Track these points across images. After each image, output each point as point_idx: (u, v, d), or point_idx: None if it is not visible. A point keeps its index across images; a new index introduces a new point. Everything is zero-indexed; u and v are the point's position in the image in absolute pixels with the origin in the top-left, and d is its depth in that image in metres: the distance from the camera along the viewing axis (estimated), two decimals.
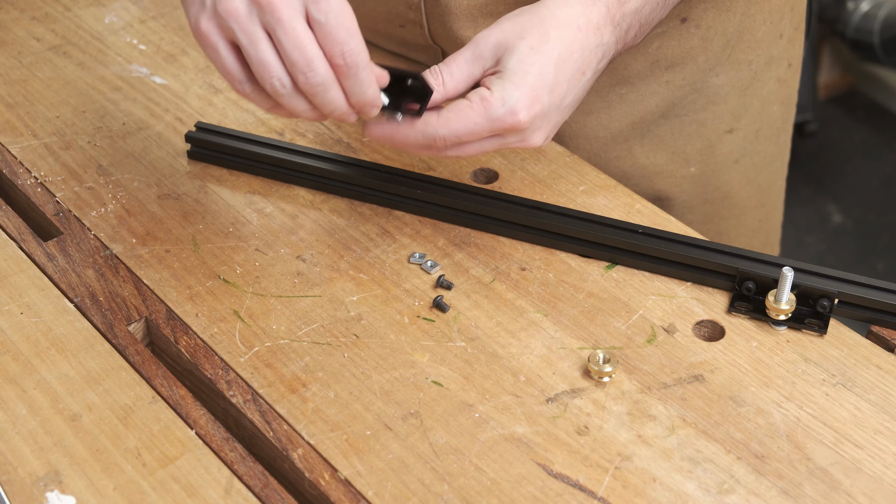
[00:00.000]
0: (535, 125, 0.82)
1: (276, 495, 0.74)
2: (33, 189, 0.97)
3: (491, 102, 0.81)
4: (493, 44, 0.82)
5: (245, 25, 0.76)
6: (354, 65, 0.78)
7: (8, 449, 0.76)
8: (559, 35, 0.82)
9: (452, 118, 0.81)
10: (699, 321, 0.86)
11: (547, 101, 0.82)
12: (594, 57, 0.84)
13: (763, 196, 1.18)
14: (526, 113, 0.81)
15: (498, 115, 0.81)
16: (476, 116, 0.81)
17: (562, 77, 0.82)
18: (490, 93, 0.81)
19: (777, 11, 1.06)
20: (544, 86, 0.81)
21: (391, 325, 0.86)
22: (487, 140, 0.83)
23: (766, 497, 0.74)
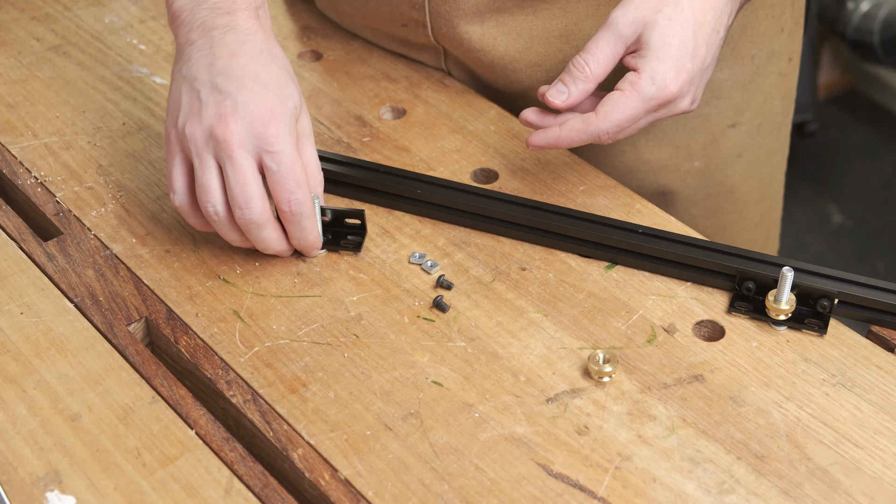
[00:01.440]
0: (683, 92, 0.87)
1: (276, 495, 0.74)
2: (33, 189, 0.97)
3: (642, 84, 0.86)
4: (631, 20, 0.86)
5: (200, 150, 0.83)
6: (299, 213, 0.85)
7: (8, 449, 0.76)
8: (691, 2, 0.86)
9: (611, 111, 0.86)
10: (699, 321, 0.86)
11: (691, 67, 0.86)
12: (724, 15, 0.88)
13: (765, 190, 1.19)
14: (675, 84, 0.85)
15: (651, 93, 0.85)
16: (632, 101, 0.86)
17: (700, 41, 0.86)
18: (638, 75, 0.86)
19: (778, 6, 1.07)
20: (686, 53, 0.86)
21: (391, 325, 0.86)
22: (643, 119, 0.88)
23: (766, 497, 0.74)
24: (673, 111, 0.89)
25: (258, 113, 0.82)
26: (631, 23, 0.86)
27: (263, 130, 0.82)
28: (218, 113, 0.82)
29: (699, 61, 0.87)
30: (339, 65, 1.12)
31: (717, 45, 0.89)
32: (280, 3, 1.21)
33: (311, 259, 0.91)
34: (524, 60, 1.04)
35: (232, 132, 0.81)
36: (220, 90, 0.83)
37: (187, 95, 0.84)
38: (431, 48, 1.09)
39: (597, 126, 0.87)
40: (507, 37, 1.02)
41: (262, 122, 0.82)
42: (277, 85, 0.84)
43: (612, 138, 0.88)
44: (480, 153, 1.02)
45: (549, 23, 1.01)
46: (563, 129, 0.88)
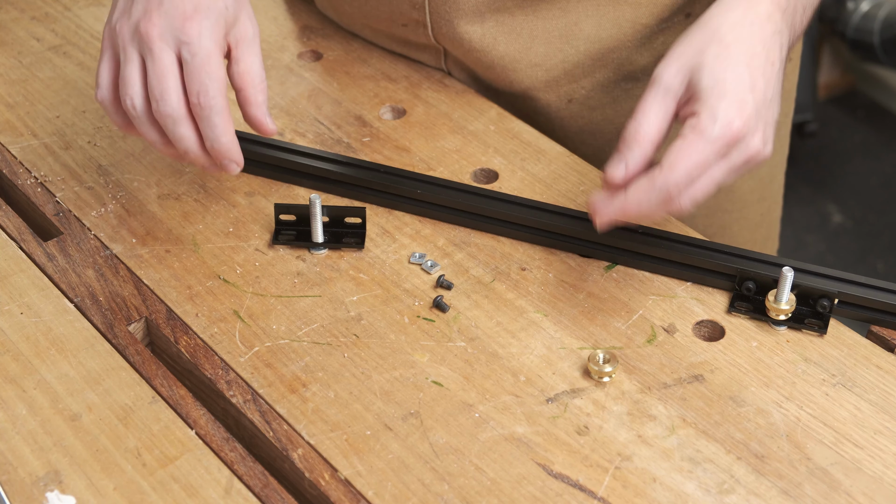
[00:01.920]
0: (750, 128, 0.79)
1: (276, 495, 0.74)
2: (33, 189, 0.97)
3: (703, 126, 0.79)
4: (675, 71, 0.81)
5: (126, 44, 0.83)
6: (208, 107, 0.82)
7: (8, 449, 0.76)
8: (737, 37, 0.81)
9: (676, 160, 0.78)
10: (699, 321, 0.86)
11: (752, 100, 0.80)
12: (776, 45, 0.83)
13: (765, 190, 1.19)
14: (739, 118, 0.79)
15: (716, 133, 0.78)
16: (697, 145, 0.78)
17: (757, 73, 0.81)
18: (698, 118, 0.79)
19: None
20: (745, 87, 0.80)
21: (391, 325, 0.86)
22: (716, 167, 0.80)
23: (766, 497, 0.74)
24: (747, 154, 0.80)
25: (182, 7, 0.82)
26: (675, 73, 0.81)
27: (183, 23, 0.82)
28: (145, 8, 0.82)
29: (759, 94, 0.81)
30: (339, 65, 1.12)
31: (775, 78, 0.83)
32: (280, 3, 1.21)
33: (311, 259, 0.91)
34: (524, 61, 1.04)
35: (154, 25, 0.81)
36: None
37: (123, 1, 0.85)
38: (431, 48, 1.09)
39: (664, 180, 0.78)
40: (507, 37, 1.03)
41: (183, 15, 0.82)
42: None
43: (689, 197, 0.79)
44: (480, 153, 1.02)
45: (549, 23, 1.01)
46: (628, 193, 0.80)
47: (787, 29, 0.85)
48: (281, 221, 0.92)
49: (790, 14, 0.85)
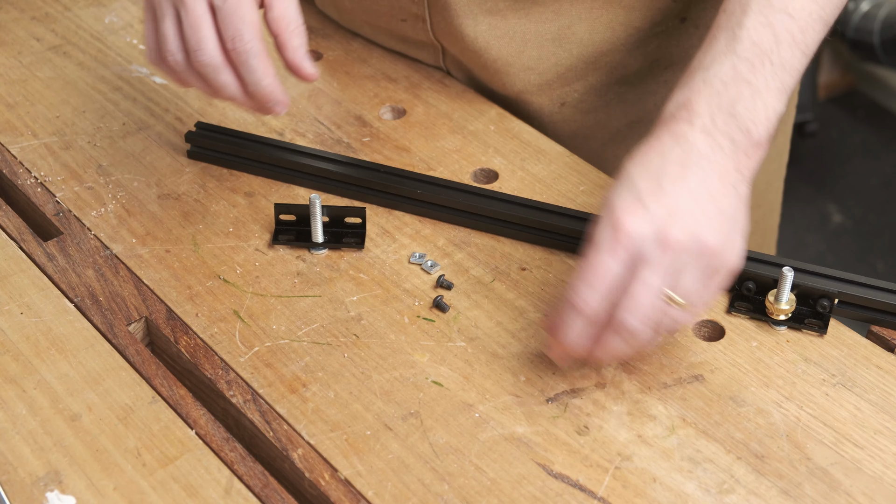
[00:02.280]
0: (652, 226, 0.74)
1: (276, 495, 0.74)
2: (33, 189, 0.97)
3: (596, 235, 0.75)
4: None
5: (162, 3, 0.82)
6: (244, 52, 0.81)
7: (8, 449, 0.76)
8: (630, 165, 0.78)
9: (574, 280, 0.76)
10: (699, 321, 0.86)
11: (645, 201, 0.74)
12: (681, 151, 0.77)
13: (761, 196, 1.18)
14: (628, 220, 0.73)
15: (605, 237, 0.74)
16: (590, 257, 0.75)
17: (648, 179, 0.75)
18: (594, 238, 0.76)
19: None
20: (634, 195, 0.75)
21: (391, 325, 0.86)
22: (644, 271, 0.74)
23: (766, 497, 0.74)
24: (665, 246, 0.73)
25: None
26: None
27: None
28: None
29: (660, 197, 0.74)
30: (339, 65, 1.12)
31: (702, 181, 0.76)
32: None
33: (311, 259, 0.91)
34: (517, 64, 1.04)
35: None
36: None
37: None
38: (430, 45, 1.08)
39: (571, 287, 0.75)
40: (500, 40, 1.02)
41: None
42: None
43: (629, 312, 0.74)
44: (480, 153, 1.02)
45: (542, 26, 1.01)
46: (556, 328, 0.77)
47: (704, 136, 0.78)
48: (281, 221, 0.92)
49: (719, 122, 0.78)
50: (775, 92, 0.79)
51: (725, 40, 0.80)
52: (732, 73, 0.78)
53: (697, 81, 0.79)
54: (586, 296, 0.74)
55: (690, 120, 0.78)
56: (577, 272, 0.75)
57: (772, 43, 0.79)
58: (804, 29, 0.80)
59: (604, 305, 0.75)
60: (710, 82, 0.78)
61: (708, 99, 0.78)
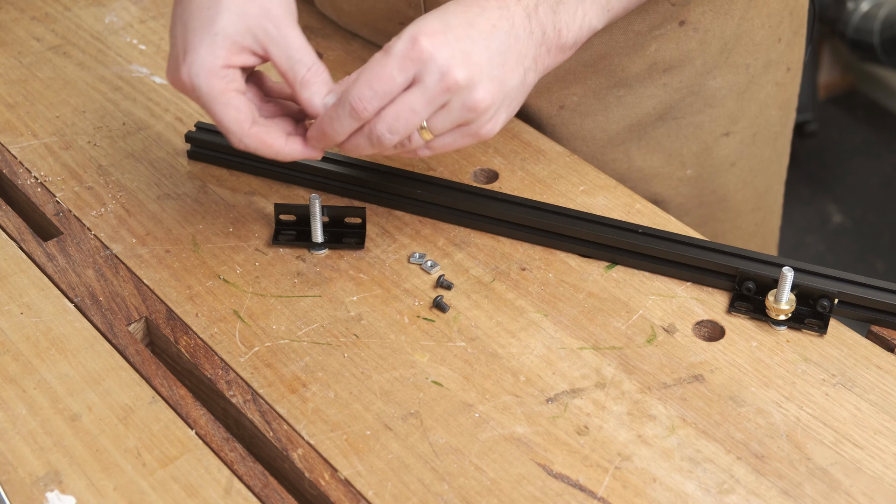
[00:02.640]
0: (444, 52, 0.77)
1: (276, 495, 0.74)
2: (33, 189, 0.97)
3: (391, 44, 0.79)
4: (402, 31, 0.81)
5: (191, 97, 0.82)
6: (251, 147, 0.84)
7: (8, 449, 0.76)
8: (453, 2, 0.81)
9: (360, 73, 0.80)
10: (699, 321, 0.86)
11: (448, 31, 0.78)
12: (499, 14, 0.81)
13: (760, 199, 1.18)
14: (428, 39, 0.77)
15: (400, 47, 0.78)
16: (379, 59, 0.79)
17: (460, 17, 0.79)
18: (390, 42, 0.79)
19: (776, 15, 1.06)
20: (442, 21, 0.79)
21: (391, 325, 0.86)
22: (412, 94, 0.78)
23: (766, 497, 0.74)
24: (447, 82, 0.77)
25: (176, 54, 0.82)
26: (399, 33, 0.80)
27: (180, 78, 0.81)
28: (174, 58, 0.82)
29: (462, 29, 0.78)
30: (339, 65, 1.12)
31: (497, 36, 0.79)
32: None
33: (311, 259, 0.91)
34: None
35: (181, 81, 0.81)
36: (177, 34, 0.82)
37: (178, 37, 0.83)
38: None
39: (348, 91, 0.79)
40: None
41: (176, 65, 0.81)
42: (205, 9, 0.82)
43: (386, 125, 0.79)
44: (480, 153, 1.02)
45: None
46: (324, 113, 0.82)
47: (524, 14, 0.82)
48: (281, 221, 0.92)
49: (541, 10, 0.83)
50: (598, 7, 0.85)
51: None
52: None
53: None
54: (366, 99, 0.78)
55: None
56: (364, 71, 0.79)
57: None
58: None
59: (377, 110, 0.79)
60: None
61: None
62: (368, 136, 0.81)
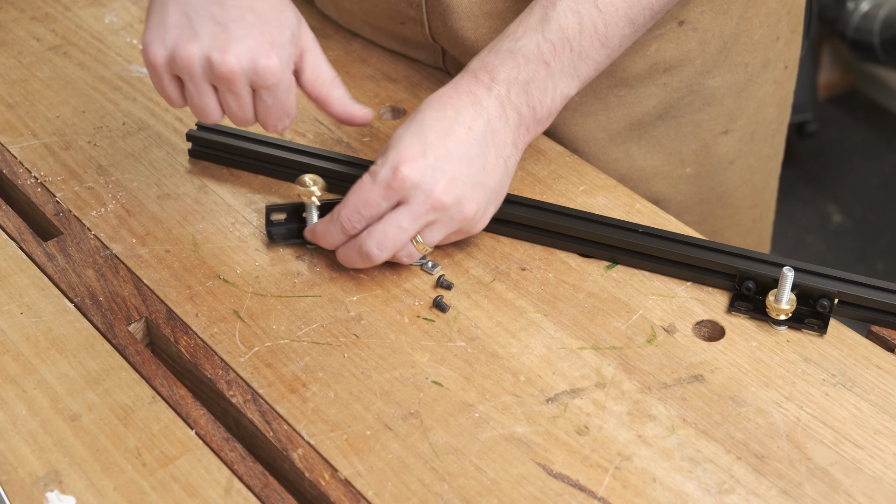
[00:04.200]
0: (426, 178, 0.83)
1: (276, 495, 0.74)
2: (33, 189, 0.97)
3: (376, 169, 0.85)
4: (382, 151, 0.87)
5: (197, 79, 0.83)
6: (283, 128, 0.87)
7: (8, 449, 0.76)
8: (427, 107, 0.87)
9: (347, 196, 0.86)
10: (699, 321, 0.86)
11: (428, 152, 0.84)
12: (473, 113, 0.86)
13: (757, 196, 1.19)
14: (408, 167, 0.83)
15: (384, 176, 0.84)
16: (365, 184, 0.85)
17: (438, 131, 0.85)
18: (376, 165, 0.85)
19: (774, 14, 1.06)
20: (421, 141, 0.84)
21: (391, 325, 0.86)
22: (400, 213, 0.84)
23: (766, 497, 0.74)
24: (429, 203, 0.84)
25: (259, 45, 0.82)
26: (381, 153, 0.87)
27: (264, 64, 0.82)
28: (217, 45, 0.81)
29: (441, 148, 0.84)
30: (339, 65, 1.12)
31: (471, 139, 0.85)
32: None
33: (311, 259, 0.91)
34: None
35: (233, 68, 0.81)
36: (217, 20, 0.82)
37: (177, 17, 0.83)
38: (430, 46, 1.09)
39: (337, 212, 0.86)
40: None
41: (263, 54, 0.82)
42: (274, 12, 0.84)
43: (376, 242, 0.85)
44: None
45: None
46: (316, 229, 0.89)
47: (502, 97, 0.87)
48: (272, 222, 0.92)
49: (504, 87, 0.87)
50: (568, 77, 0.89)
51: (538, 18, 0.88)
52: (536, 51, 0.87)
53: (504, 50, 0.88)
54: (353, 220, 0.86)
55: (489, 86, 0.87)
56: (351, 192, 0.86)
57: (576, 31, 0.88)
58: (608, 23, 0.88)
59: (363, 228, 0.86)
60: (515, 55, 0.87)
61: (509, 70, 0.87)
62: (358, 251, 0.86)
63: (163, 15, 0.83)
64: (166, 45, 0.82)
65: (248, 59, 0.81)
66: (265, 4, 0.83)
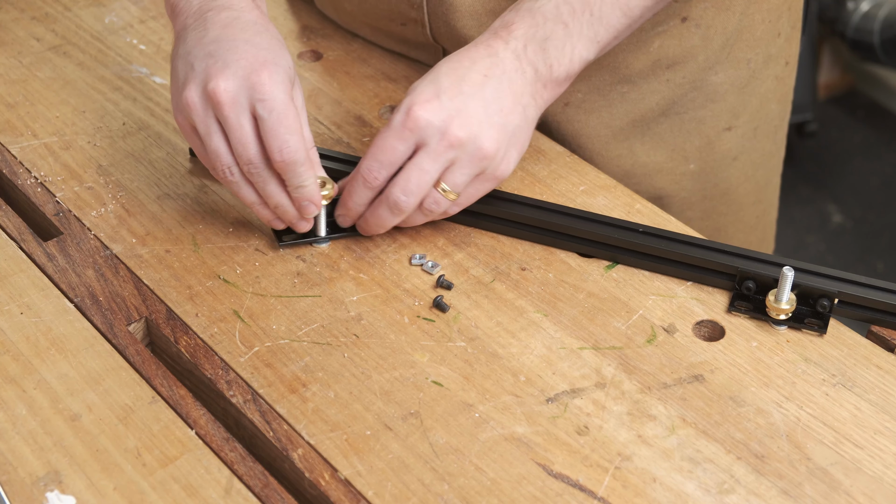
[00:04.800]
0: (439, 116, 0.84)
1: (276, 495, 0.74)
2: (33, 189, 0.97)
3: (392, 116, 0.85)
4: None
5: (201, 119, 0.83)
6: (293, 161, 0.84)
7: (8, 449, 0.76)
8: (444, 61, 0.88)
9: (369, 147, 0.86)
10: (699, 321, 0.86)
11: (441, 94, 0.85)
12: (489, 62, 0.87)
13: (761, 192, 1.19)
14: (421, 107, 0.84)
15: (398, 119, 0.84)
16: (384, 132, 0.85)
17: (452, 78, 0.86)
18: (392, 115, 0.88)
19: (775, 10, 1.07)
20: (435, 86, 0.85)
21: (391, 325, 0.86)
22: (421, 157, 0.84)
23: (766, 497, 0.74)
24: (449, 140, 0.84)
25: (249, 65, 0.82)
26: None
27: (255, 79, 0.82)
28: (209, 74, 0.82)
29: (454, 91, 0.85)
30: (339, 65, 1.12)
31: (489, 87, 0.86)
32: (280, 3, 1.21)
33: (311, 259, 0.91)
34: None
35: (223, 90, 0.81)
36: (212, 55, 0.83)
37: (182, 69, 0.85)
38: (431, 47, 1.09)
39: (359, 165, 0.86)
40: None
41: (253, 71, 0.82)
42: (271, 45, 0.84)
43: (401, 189, 0.85)
44: None
45: None
46: (344, 190, 0.89)
47: (518, 51, 0.88)
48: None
49: (521, 41, 0.88)
50: (586, 40, 0.89)
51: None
52: (555, 11, 0.88)
53: (524, 9, 0.89)
54: (374, 169, 0.86)
55: (507, 40, 0.88)
56: (371, 145, 0.86)
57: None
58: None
59: (386, 178, 0.86)
60: (534, 14, 0.89)
61: (526, 28, 0.88)
62: (387, 203, 0.87)
63: (175, 74, 0.86)
64: (179, 99, 0.84)
65: (240, 76, 0.82)
66: (262, 40, 0.85)
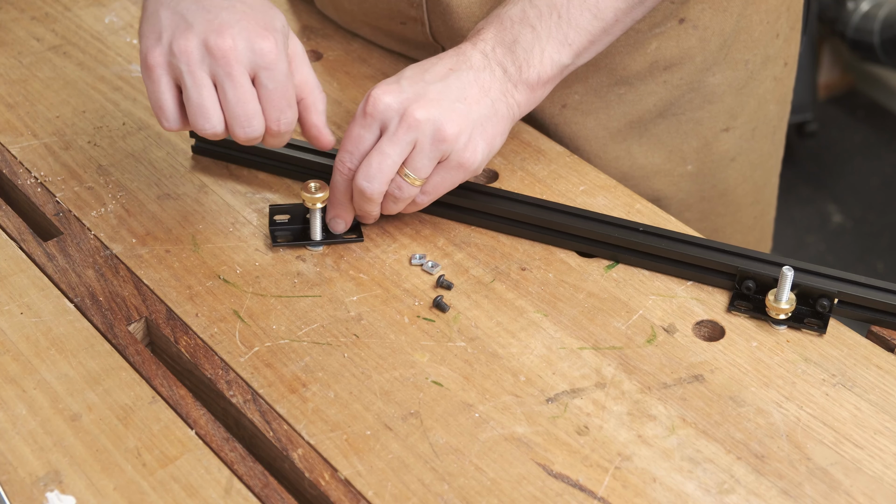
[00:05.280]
0: (399, 98, 0.85)
1: (276, 495, 0.74)
2: (33, 189, 0.97)
3: (359, 106, 0.87)
4: None
5: (194, 68, 0.81)
6: (287, 131, 0.85)
7: (8, 449, 0.76)
8: (415, 63, 0.90)
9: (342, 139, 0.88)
10: (699, 321, 0.86)
11: (402, 81, 0.86)
12: (456, 59, 0.89)
13: (759, 193, 1.19)
14: (381, 90, 0.85)
15: (360, 107, 0.86)
16: (350, 122, 0.87)
17: (416, 70, 0.88)
18: None
19: (773, 11, 1.07)
20: (398, 77, 0.87)
21: (391, 325, 0.86)
22: (385, 142, 0.85)
23: (766, 497, 0.74)
24: (408, 123, 0.85)
25: (253, 28, 0.81)
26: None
27: (261, 44, 0.81)
28: (212, 28, 0.80)
29: (416, 79, 0.86)
30: (339, 65, 1.12)
31: (452, 79, 0.87)
32: (280, 3, 1.21)
33: (311, 259, 0.91)
34: None
35: (231, 47, 0.80)
36: (208, 10, 0.81)
37: (169, 18, 0.82)
38: (430, 46, 1.08)
39: (336, 159, 0.88)
40: None
41: (258, 35, 0.81)
42: (263, 8, 0.84)
43: (367, 175, 0.86)
44: None
45: None
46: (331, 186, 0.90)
47: (486, 52, 0.89)
48: (275, 223, 0.92)
49: (489, 43, 0.90)
50: (556, 42, 0.90)
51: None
52: (521, 15, 0.90)
53: (493, 15, 0.91)
54: (345, 160, 0.88)
55: (475, 43, 0.90)
56: (342, 140, 0.88)
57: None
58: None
59: (355, 165, 0.88)
60: (502, 19, 0.91)
61: (495, 32, 0.90)
62: (357, 191, 0.88)
63: (155, 20, 0.83)
64: (163, 43, 0.81)
65: (244, 38, 0.81)
66: (254, 1, 0.84)
